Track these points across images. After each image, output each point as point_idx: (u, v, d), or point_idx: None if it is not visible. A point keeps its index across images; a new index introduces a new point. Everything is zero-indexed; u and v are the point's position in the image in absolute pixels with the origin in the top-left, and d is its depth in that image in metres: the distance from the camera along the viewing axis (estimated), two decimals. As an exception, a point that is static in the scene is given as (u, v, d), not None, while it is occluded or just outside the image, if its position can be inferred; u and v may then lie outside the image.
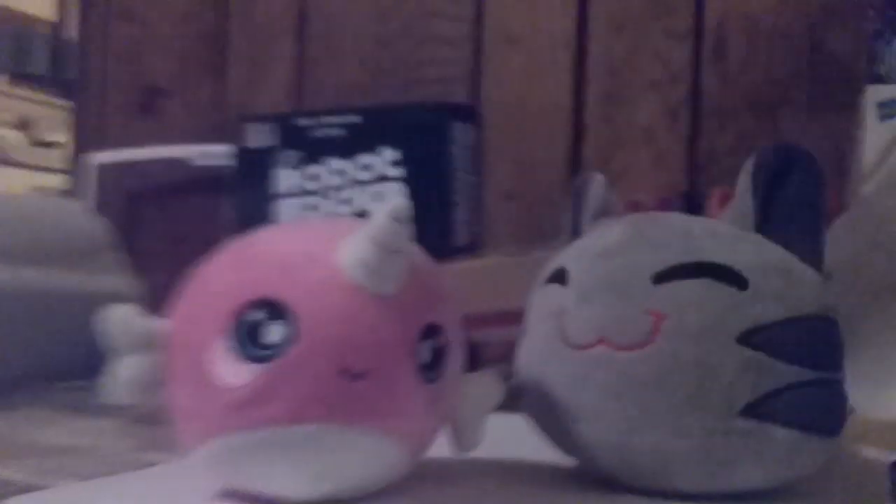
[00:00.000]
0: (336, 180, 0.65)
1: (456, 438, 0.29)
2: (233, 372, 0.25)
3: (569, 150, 0.79)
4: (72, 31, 1.08)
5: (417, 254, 0.28)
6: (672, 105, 0.75)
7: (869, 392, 0.57)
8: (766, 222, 0.30)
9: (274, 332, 0.25)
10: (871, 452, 0.45)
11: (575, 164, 0.78)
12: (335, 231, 0.26)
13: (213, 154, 0.86)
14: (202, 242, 0.30)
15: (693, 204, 0.67)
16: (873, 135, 0.62)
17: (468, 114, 0.67)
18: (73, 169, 1.06)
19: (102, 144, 1.03)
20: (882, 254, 0.56)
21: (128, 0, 1.02)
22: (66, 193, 1.07)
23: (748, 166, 0.31)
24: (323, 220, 0.28)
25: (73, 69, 1.08)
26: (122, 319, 0.26)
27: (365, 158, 0.65)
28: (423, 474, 0.30)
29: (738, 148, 0.74)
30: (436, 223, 0.63)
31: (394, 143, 0.64)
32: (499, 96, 0.81)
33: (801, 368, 0.28)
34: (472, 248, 0.67)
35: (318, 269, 0.25)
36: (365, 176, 0.65)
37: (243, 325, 0.25)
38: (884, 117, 0.61)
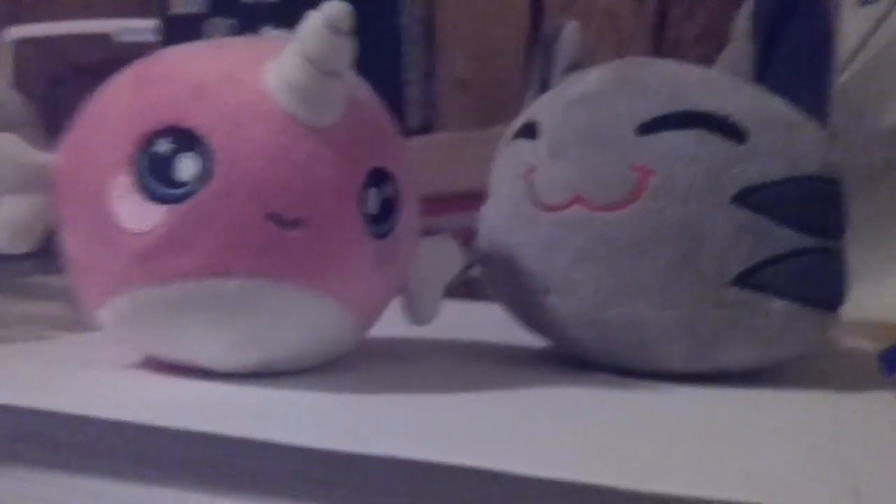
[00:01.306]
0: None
1: (410, 308, 0.25)
2: (137, 214, 0.20)
3: (526, 38, 0.74)
4: None
5: (360, 85, 0.23)
6: (637, -12, 0.71)
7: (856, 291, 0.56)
8: (767, 70, 0.26)
9: (186, 167, 0.20)
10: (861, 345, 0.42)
11: (532, 52, 0.73)
12: (261, 50, 0.22)
13: (139, 28, 0.78)
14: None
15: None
16: (852, 21, 0.58)
17: (420, -16, 0.61)
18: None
19: (20, 19, 0.95)
20: (860, 142, 0.53)
21: None
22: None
23: (747, 6, 0.27)
24: (246, 39, 0.23)
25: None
26: (1, 154, 0.21)
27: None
28: (377, 352, 0.27)
29: (706, 37, 0.70)
30: (384, 100, 0.58)
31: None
32: (452, -24, 0.75)
33: (802, 234, 0.24)
34: (424, 132, 0.62)
35: (240, 92, 0.20)
36: (306, 49, 0.59)
37: (149, 157, 0.20)
38: (864, 2, 0.57)
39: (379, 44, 0.58)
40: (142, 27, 0.77)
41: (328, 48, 0.20)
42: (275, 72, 0.21)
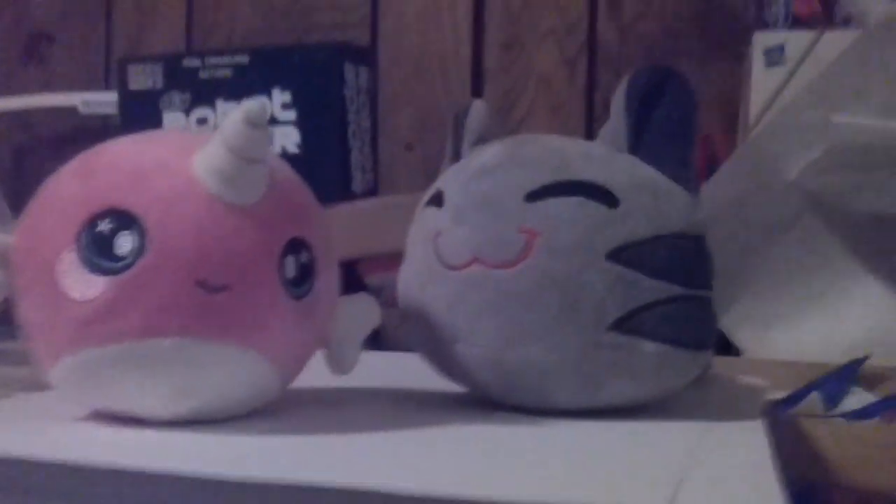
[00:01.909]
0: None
1: (331, 359, 0.29)
2: (82, 285, 0.23)
3: (468, 100, 0.78)
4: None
5: (279, 164, 0.27)
6: (569, 55, 0.76)
7: (755, 333, 0.59)
8: (639, 143, 0.30)
9: (124, 243, 0.23)
10: (754, 385, 0.46)
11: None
12: (190, 141, 0.25)
13: (100, 101, 0.82)
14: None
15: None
16: (760, 81, 0.63)
17: (362, 56, 0.65)
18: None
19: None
20: (766, 197, 0.58)
21: (6, -61, 0.96)
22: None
23: (622, 87, 0.31)
24: (178, 131, 0.27)
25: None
26: (-39, 234, 0.25)
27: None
28: (301, 400, 0.30)
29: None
30: (331, 169, 0.62)
31: (285, 85, 0.62)
32: (396, 44, 0.79)
33: (669, 284, 0.28)
34: (370, 195, 0.66)
35: (170, 177, 0.24)
36: (256, 119, 0.63)
37: (92, 235, 0.24)
38: (770, 64, 0.63)
39: (325, 112, 0.62)
40: (104, 100, 0.81)
41: (247, 140, 0.24)
42: (202, 160, 0.24)
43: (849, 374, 0.50)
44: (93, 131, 0.86)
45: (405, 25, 0.79)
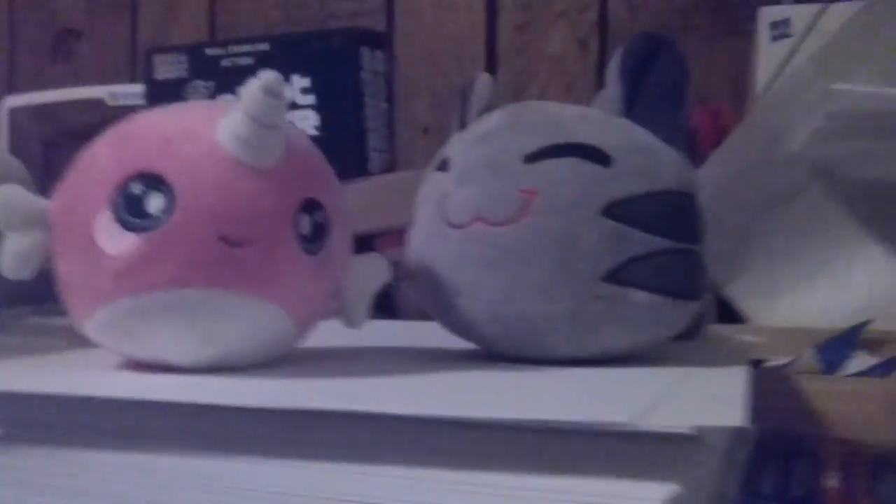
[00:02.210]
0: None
1: (343, 314, 0.31)
2: (117, 241, 0.26)
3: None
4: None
5: (295, 131, 0.29)
6: (581, 34, 0.77)
7: (761, 301, 0.61)
8: (633, 107, 0.32)
9: (154, 203, 0.26)
10: (748, 342, 0.48)
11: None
12: (215, 110, 0.27)
13: (127, 93, 0.85)
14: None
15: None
16: (766, 55, 0.65)
17: (378, 40, 0.68)
18: (-14, 116, 1.04)
19: (16, 90, 1.01)
20: (772, 167, 0.59)
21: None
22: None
23: (617, 54, 0.33)
24: (203, 102, 0.29)
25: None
26: (7, 199, 0.27)
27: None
28: (316, 354, 0.32)
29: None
30: (349, 150, 0.64)
31: (304, 71, 0.64)
32: (413, 30, 0.82)
33: (660, 238, 0.30)
34: (386, 176, 0.68)
35: (196, 143, 0.26)
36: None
37: (125, 197, 0.26)
38: (775, 38, 0.64)
39: (342, 95, 0.64)
40: (130, 92, 0.84)
41: (265, 107, 0.26)
42: (224, 126, 0.26)
43: (851, 338, 0.51)
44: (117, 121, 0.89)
45: (420, 11, 0.81)
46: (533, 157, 0.31)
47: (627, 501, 0.19)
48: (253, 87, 0.26)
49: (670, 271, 0.30)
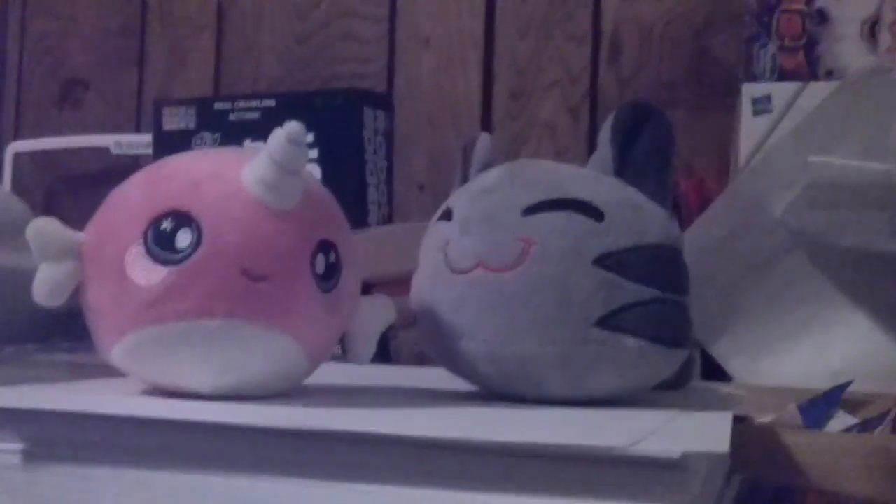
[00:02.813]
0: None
1: (350, 350, 0.33)
2: (147, 273, 0.28)
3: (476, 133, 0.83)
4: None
5: (312, 179, 0.31)
6: (573, 103, 0.81)
7: (745, 361, 0.63)
8: (623, 168, 0.35)
9: (183, 239, 0.28)
10: (733, 394, 0.50)
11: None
12: (240, 155, 0.30)
13: (132, 143, 0.88)
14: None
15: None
16: (748, 128, 0.68)
17: (380, 100, 0.71)
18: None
19: (21, 138, 1.04)
20: (753, 233, 0.62)
21: (46, -6, 1.03)
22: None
23: (608, 120, 0.36)
24: (229, 148, 0.32)
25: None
26: (42, 230, 0.29)
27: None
28: (324, 387, 0.34)
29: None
30: (350, 203, 0.66)
31: (309, 127, 0.67)
32: (412, 93, 0.85)
33: (647, 288, 0.32)
34: (383, 229, 0.70)
35: (223, 184, 0.29)
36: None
37: (156, 232, 0.28)
38: (757, 112, 0.67)
39: (345, 151, 0.67)
40: (136, 141, 0.87)
41: (288, 154, 0.28)
42: (249, 170, 0.29)
43: (832, 398, 0.53)
44: (125, 172, 0.92)
45: (420, 77, 0.85)
46: (531, 210, 0.33)
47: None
48: (278, 135, 0.28)
49: (658, 319, 0.33)
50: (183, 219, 0.28)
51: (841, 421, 0.51)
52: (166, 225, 0.28)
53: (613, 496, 0.22)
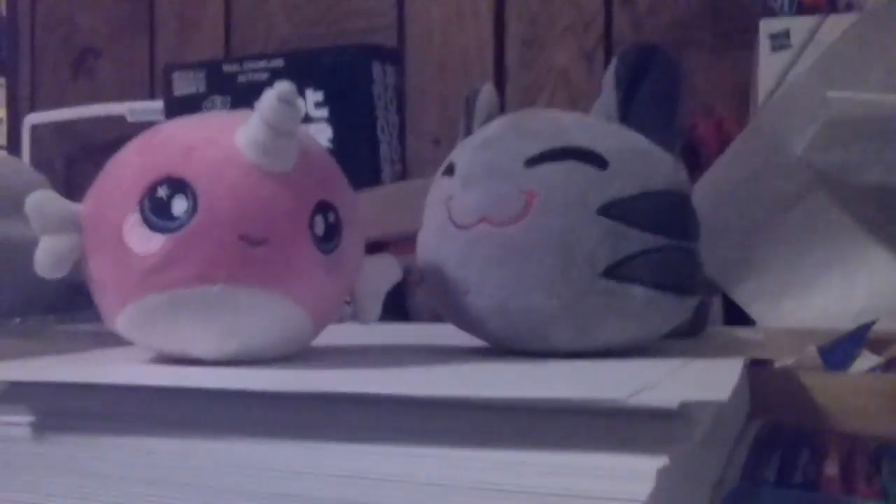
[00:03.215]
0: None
1: (357, 310, 0.33)
2: (145, 242, 0.28)
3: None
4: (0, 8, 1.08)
5: (309, 139, 0.31)
6: (587, 49, 0.79)
7: (768, 304, 0.62)
8: (628, 113, 0.34)
9: (179, 206, 0.28)
10: (748, 339, 0.49)
11: (498, 107, 0.82)
12: (234, 119, 0.29)
13: (146, 109, 0.87)
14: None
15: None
16: (767, 65, 0.66)
17: (389, 55, 0.70)
18: (11, 135, 1.07)
19: (37, 108, 1.04)
20: (775, 173, 0.61)
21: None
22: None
23: (612, 63, 0.35)
24: (222, 112, 0.31)
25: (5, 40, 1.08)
26: (41, 203, 0.29)
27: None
28: (332, 350, 0.34)
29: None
30: (362, 161, 0.66)
31: (318, 85, 0.66)
32: (423, 45, 0.84)
33: (654, 235, 0.32)
34: (397, 185, 0.70)
35: (217, 149, 0.28)
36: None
37: (152, 200, 0.28)
38: (775, 48, 0.65)
39: (355, 109, 0.66)
40: (150, 108, 0.86)
41: (280, 115, 0.28)
42: (243, 133, 0.28)
43: (856, 339, 0.53)
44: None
45: (430, 28, 0.84)
46: (533, 161, 0.32)
47: (622, 473, 0.21)
48: (269, 96, 0.28)
49: (665, 267, 0.32)
50: (178, 185, 0.28)
51: (866, 360, 0.50)
52: (161, 192, 0.28)
53: (615, 447, 0.22)
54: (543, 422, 0.23)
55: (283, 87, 0.28)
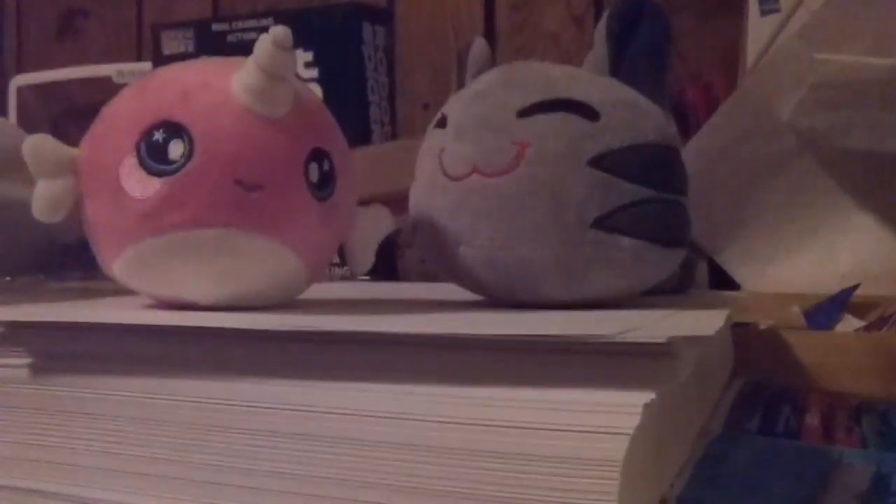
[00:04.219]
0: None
1: (350, 259, 0.33)
2: (141, 185, 0.28)
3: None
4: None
5: (303, 87, 0.31)
6: (577, 12, 0.79)
7: (753, 269, 0.63)
8: (619, 67, 0.34)
9: (175, 150, 0.28)
10: (733, 297, 0.50)
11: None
12: (229, 64, 0.30)
13: (134, 71, 0.87)
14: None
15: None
16: (756, 30, 0.67)
17: (380, 16, 0.69)
18: (-4, 96, 1.06)
19: (24, 70, 1.03)
20: (761, 137, 0.61)
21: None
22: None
23: (603, 18, 0.35)
24: (218, 58, 0.31)
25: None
26: (38, 147, 0.29)
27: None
28: (329, 301, 0.34)
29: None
30: (351, 122, 0.66)
31: (308, 46, 0.66)
32: (412, 9, 0.83)
33: (644, 187, 0.32)
34: (387, 148, 0.70)
35: (213, 94, 0.28)
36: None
37: (148, 144, 0.28)
38: (765, 13, 0.66)
39: (345, 69, 0.66)
40: (137, 69, 0.86)
41: (275, 59, 0.28)
42: (238, 78, 0.29)
43: (839, 302, 0.53)
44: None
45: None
46: (525, 113, 0.33)
47: (610, 408, 0.22)
48: (264, 40, 0.28)
49: (654, 219, 0.33)
50: (174, 129, 0.28)
51: (848, 324, 0.51)
52: (158, 136, 0.28)
53: (604, 384, 0.22)
54: (533, 360, 0.23)
55: (279, 31, 0.28)
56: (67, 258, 0.59)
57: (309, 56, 0.66)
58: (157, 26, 0.74)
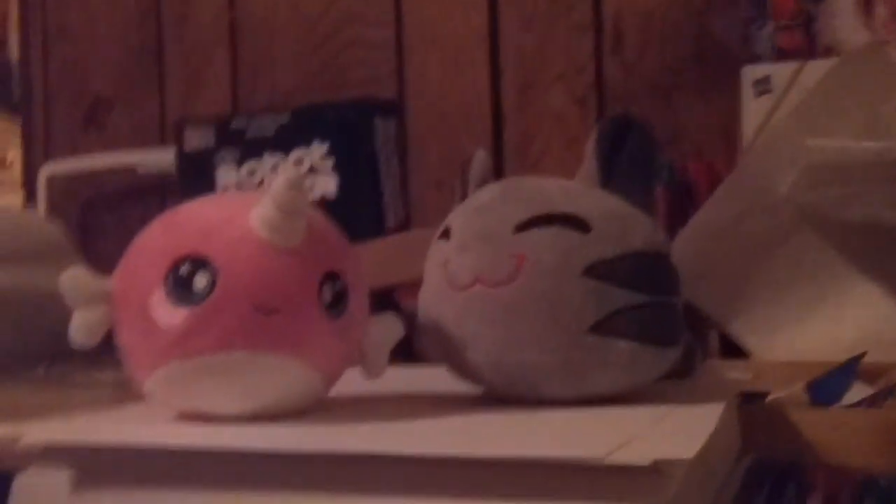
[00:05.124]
0: (271, 174, 0.71)
1: (365, 367, 0.35)
2: (169, 315, 0.31)
3: (490, 139, 0.85)
4: (13, 53, 1.12)
5: (316, 214, 0.34)
6: (580, 94, 0.82)
7: (761, 338, 0.65)
8: (608, 179, 0.37)
9: (200, 281, 0.31)
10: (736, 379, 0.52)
11: (496, 151, 0.85)
12: (247, 200, 0.32)
13: (157, 160, 0.91)
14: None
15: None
16: (751, 110, 0.69)
17: (390, 109, 0.73)
18: (26, 184, 1.10)
19: (51, 157, 1.07)
20: (762, 212, 0.63)
21: (64, 19, 1.06)
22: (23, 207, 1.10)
23: (593, 135, 0.38)
24: (238, 193, 0.34)
25: (18, 89, 1.12)
26: (75, 278, 0.32)
27: (298, 153, 0.71)
28: (341, 402, 0.37)
29: (641, 129, 0.81)
30: (367, 208, 0.69)
31: (323, 139, 0.70)
32: (423, 92, 0.87)
33: (636, 293, 0.35)
34: (402, 230, 0.73)
35: (234, 229, 0.31)
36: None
37: (175, 277, 0.31)
38: (758, 94, 0.68)
39: (359, 161, 0.69)
40: (161, 159, 0.90)
41: (289, 198, 0.31)
42: (256, 214, 0.31)
43: (848, 371, 0.55)
44: (150, 188, 0.95)
45: (429, 76, 0.87)
46: (522, 227, 0.35)
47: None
48: (279, 182, 0.31)
49: (648, 322, 0.35)
50: (199, 263, 0.31)
51: (858, 391, 0.52)
52: (184, 269, 0.31)
53: (594, 501, 0.24)
54: (525, 476, 0.25)
55: (291, 174, 0.31)
56: (101, 342, 0.61)
57: (324, 148, 0.70)
58: (179, 123, 0.78)
